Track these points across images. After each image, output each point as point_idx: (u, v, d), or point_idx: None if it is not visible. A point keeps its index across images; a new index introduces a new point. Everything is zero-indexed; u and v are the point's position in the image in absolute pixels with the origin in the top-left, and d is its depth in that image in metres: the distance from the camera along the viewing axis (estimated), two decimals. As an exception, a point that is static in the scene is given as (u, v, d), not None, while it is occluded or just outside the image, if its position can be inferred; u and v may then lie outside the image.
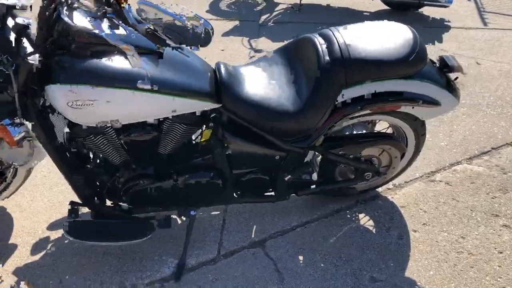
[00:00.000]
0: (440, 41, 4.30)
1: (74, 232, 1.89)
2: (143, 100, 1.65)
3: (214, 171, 1.98)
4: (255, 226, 2.24)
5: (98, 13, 1.61)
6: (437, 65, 1.99)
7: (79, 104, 1.58)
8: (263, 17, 4.78)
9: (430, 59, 2.02)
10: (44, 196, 2.36)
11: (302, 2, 5.04)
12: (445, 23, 4.68)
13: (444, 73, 1.98)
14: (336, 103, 1.86)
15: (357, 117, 1.99)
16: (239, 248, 2.14)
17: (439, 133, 2.94)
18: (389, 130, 2.28)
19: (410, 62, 1.82)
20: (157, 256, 2.07)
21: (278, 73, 1.95)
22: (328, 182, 2.20)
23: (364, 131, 2.18)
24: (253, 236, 2.19)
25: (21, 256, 2.05)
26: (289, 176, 2.03)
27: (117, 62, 1.61)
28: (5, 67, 1.50)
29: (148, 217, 2.02)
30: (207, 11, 4.91)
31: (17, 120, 1.66)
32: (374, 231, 2.24)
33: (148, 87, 1.60)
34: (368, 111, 1.93)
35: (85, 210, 2.09)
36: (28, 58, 1.54)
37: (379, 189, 2.47)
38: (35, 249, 2.08)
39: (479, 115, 3.14)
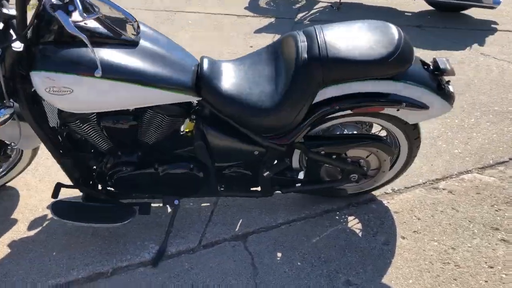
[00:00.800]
0: (482, 44, 4.10)
1: (60, 212, 2.01)
2: (115, 89, 1.72)
3: (195, 163, 2.03)
4: (241, 220, 2.27)
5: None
6: (430, 67, 1.93)
7: (55, 91, 1.68)
8: (300, 15, 4.78)
9: (423, 61, 1.96)
10: (51, 177, 2.51)
11: (342, 1, 4.98)
12: (492, 25, 4.46)
13: (435, 76, 1.91)
14: (314, 102, 1.85)
15: (341, 118, 1.97)
16: (220, 240, 2.17)
17: (455, 140, 2.82)
18: (383, 133, 2.22)
19: (391, 63, 1.77)
20: (140, 241, 2.15)
21: (261, 69, 1.96)
22: (314, 181, 2.18)
23: (354, 132, 2.14)
24: (236, 229, 2.22)
25: (19, 231, 2.20)
26: (268, 172, 2.04)
27: (86, 52, 1.69)
28: None
29: (132, 203, 2.11)
30: (245, 8, 4.98)
31: (7, 103, 1.79)
32: (360, 234, 2.19)
33: (99, 74, 1.64)
34: (349, 112, 1.90)
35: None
36: (13, 45, 1.65)
37: (376, 193, 2.42)
38: (32, 225, 2.23)
39: (505, 123, 2.98)
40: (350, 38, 1.83)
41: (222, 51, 4.00)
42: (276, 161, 2.04)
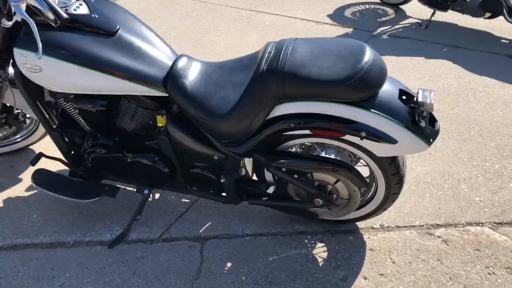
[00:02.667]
0: None
1: (39, 180, 2.17)
2: (79, 74, 1.82)
3: (161, 156, 2.07)
4: (210, 223, 2.26)
5: None
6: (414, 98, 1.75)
7: (29, 68, 1.83)
8: (380, 29, 4.55)
9: (404, 90, 1.78)
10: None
11: (434, 19, 4.64)
12: None
13: (412, 109, 1.73)
14: (272, 116, 1.78)
15: (303, 137, 1.87)
16: (181, 237, 2.19)
17: (483, 187, 2.51)
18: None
19: (349, 86, 1.64)
20: (110, 222, 2.25)
21: (235, 75, 1.93)
22: (280, 198, 2.10)
23: (331, 155, 2.01)
24: (201, 231, 2.22)
25: (16, 191, 2.43)
26: (224, 179, 2.00)
27: (51, 34, 1.81)
28: None
29: (107, 184, 2.21)
30: (328, 15, 4.88)
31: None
32: (321, 264, 2.06)
33: (39, 56, 1.74)
34: (308, 132, 1.80)
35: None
36: (3, 22, 1.84)
37: (361, 225, 2.25)
38: (31, 188, 2.45)
39: (556, 178, 2.57)
40: (317, 55, 1.72)
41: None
42: (232, 169, 2.00)
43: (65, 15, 1.73)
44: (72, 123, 2.20)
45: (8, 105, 2.39)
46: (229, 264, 2.06)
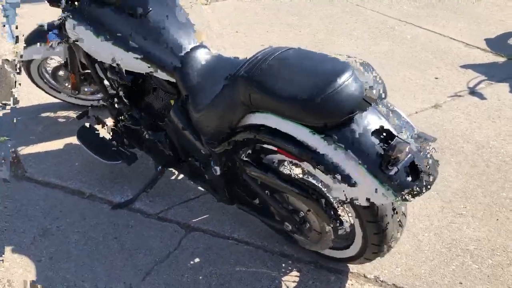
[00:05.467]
0: None
1: (81, 135, 2.44)
2: (105, 47, 2.01)
3: (167, 139, 2.14)
4: (207, 216, 2.27)
5: None
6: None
7: (75, 34, 2.09)
8: (540, 66, 3.83)
9: (386, 128, 1.52)
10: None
11: None
12: None
13: (385, 151, 1.47)
14: (245, 124, 1.70)
15: (273, 152, 1.75)
16: (173, 220, 2.25)
17: None
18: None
19: (308, 108, 1.47)
20: (126, 186, 2.43)
21: None
22: (262, 211, 1.99)
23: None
24: (194, 221, 2.25)
25: (73, 140, 2.74)
26: (206, 175, 1.98)
27: (92, 8, 2.01)
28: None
29: (127, 151, 2.38)
30: (485, 39, 4.29)
31: (61, 35, 2.29)
32: (281, 292, 1.92)
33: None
34: (274, 148, 1.68)
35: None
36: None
37: (353, 268, 2.01)
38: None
39: None
40: (294, 69, 1.58)
41: (404, 75, 3.66)
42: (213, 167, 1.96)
43: None
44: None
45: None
46: (196, 260, 2.06)
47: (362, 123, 1.51)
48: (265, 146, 1.73)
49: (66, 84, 2.83)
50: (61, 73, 2.77)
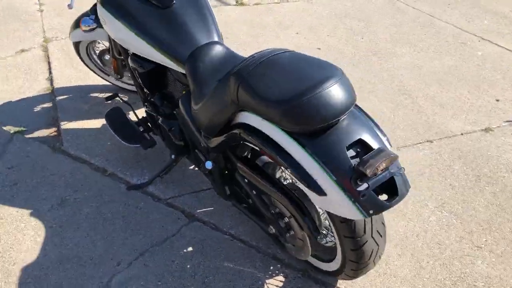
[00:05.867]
0: None
1: (110, 117, 2.58)
2: (124, 32, 2.11)
3: (177, 128, 2.20)
4: (212, 208, 2.31)
5: None
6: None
7: (103, 20, 2.23)
8: None
9: (364, 142, 1.47)
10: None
11: None
12: None
13: (357, 165, 1.42)
14: (234, 122, 1.72)
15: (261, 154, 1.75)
16: (179, 208, 2.32)
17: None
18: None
19: (282, 111, 1.46)
20: (146, 171, 2.53)
21: None
22: (252, 211, 1.99)
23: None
24: (198, 211, 2.30)
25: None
26: (203, 168, 2.02)
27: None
28: None
29: (146, 136, 2.48)
30: None
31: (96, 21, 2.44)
32: (261, 294, 1.91)
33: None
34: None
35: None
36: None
37: (340, 284, 1.96)
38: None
39: None
40: (284, 71, 1.56)
41: (461, 93, 3.45)
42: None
43: None
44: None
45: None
46: (189, 249, 2.11)
47: (339, 134, 1.47)
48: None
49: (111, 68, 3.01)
50: (106, 57, 2.95)
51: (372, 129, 1.52)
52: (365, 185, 1.41)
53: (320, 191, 1.46)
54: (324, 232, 1.88)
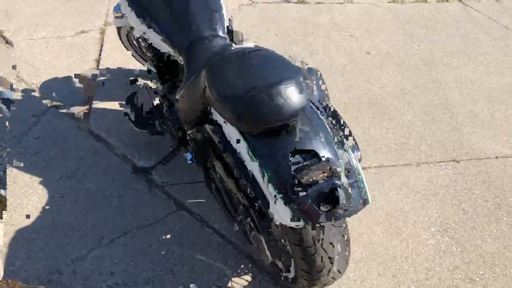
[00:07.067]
0: None
1: (128, 100, 2.67)
2: (131, 14, 2.18)
3: (174, 117, 2.23)
4: (204, 200, 2.33)
5: None
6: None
7: (126, 11, 2.32)
8: None
9: (317, 154, 1.41)
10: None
11: None
12: None
13: (295, 171, 1.37)
14: (205, 113, 1.73)
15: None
16: (172, 196, 2.38)
17: None
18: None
19: (229, 108, 1.45)
20: (154, 156, 2.61)
21: None
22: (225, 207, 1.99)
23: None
24: (189, 201, 2.34)
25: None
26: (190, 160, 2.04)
27: None
28: None
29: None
30: None
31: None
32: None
33: None
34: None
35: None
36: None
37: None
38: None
39: None
40: (244, 69, 1.55)
41: (511, 114, 3.16)
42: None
43: None
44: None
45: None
46: (168, 236, 2.16)
47: (287, 138, 1.43)
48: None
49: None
50: (143, 43, 3.06)
51: (328, 137, 1.46)
52: (303, 193, 1.36)
53: (258, 193, 1.43)
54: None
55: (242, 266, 2.03)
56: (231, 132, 1.54)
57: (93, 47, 3.66)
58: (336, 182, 1.38)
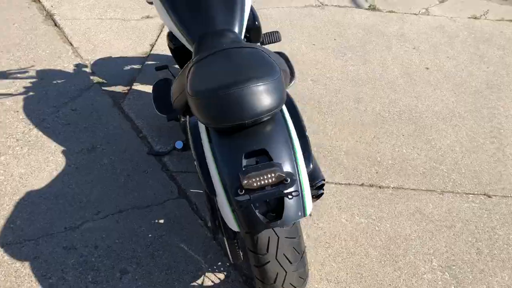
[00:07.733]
0: None
1: (156, 85, 2.72)
2: (159, 6, 2.22)
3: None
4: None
5: None
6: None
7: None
8: None
9: (262, 153, 1.36)
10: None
11: None
12: None
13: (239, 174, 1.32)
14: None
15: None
16: (178, 183, 2.40)
17: None
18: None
19: (193, 100, 1.43)
20: (172, 141, 2.65)
21: None
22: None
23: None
24: (192, 191, 2.35)
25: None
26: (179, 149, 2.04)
27: None
28: None
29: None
30: None
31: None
32: (198, 281, 1.89)
33: None
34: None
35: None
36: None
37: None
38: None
39: None
40: (227, 64, 1.52)
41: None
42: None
43: None
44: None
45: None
46: (161, 221, 2.18)
47: (246, 138, 1.38)
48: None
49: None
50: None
51: (287, 144, 1.39)
52: (246, 197, 1.30)
53: (212, 191, 1.40)
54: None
55: (220, 263, 1.99)
56: (200, 127, 1.52)
57: (152, 32, 3.79)
58: (286, 191, 1.31)
